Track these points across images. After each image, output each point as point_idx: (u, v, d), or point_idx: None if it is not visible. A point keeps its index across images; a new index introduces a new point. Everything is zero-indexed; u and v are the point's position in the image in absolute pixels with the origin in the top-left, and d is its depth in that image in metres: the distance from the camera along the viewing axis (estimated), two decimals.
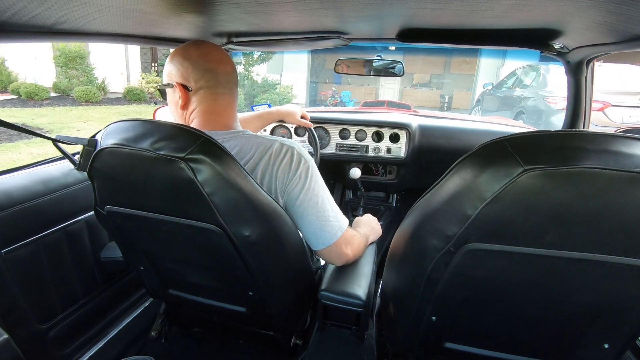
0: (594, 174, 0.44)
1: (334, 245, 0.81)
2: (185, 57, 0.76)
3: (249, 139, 0.77)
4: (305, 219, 0.78)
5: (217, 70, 0.77)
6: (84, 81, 8.95)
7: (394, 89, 12.29)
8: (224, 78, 0.78)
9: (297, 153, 0.76)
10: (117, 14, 0.76)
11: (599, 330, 0.61)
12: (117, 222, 0.77)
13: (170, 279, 0.92)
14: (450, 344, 0.73)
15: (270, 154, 0.75)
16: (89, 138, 0.76)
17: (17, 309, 0.93)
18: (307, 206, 0.76)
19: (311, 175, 0.76)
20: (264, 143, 0.76)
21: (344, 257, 0.86)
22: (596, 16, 0.74)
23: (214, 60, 0.77)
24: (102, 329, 1.18)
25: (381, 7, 0.78)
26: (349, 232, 0.85)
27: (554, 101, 5.11)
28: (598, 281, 0.53)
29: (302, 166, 0.76)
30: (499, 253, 0.52)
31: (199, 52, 0.77)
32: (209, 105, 0.78)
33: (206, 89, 0.77)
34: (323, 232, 0.79)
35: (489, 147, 0.52)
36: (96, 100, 8.63)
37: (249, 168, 0.74)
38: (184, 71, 0.76)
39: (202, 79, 0.76)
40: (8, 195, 0.92)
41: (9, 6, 0.61)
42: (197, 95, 0.77)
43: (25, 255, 0.95)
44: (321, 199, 0.78)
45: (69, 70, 8.88)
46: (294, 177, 0.75)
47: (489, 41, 1.08)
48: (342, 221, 0.82)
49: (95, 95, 8.58)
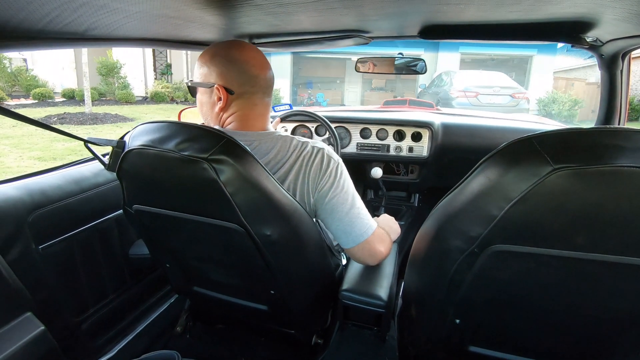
0: (629, 173, 0.42)
1: (366, 242, 0.81)
2: (229, 59, 0.75)
3: (285, 140, 0.78)
4: (335, 216, 0.78)
5: (261, 76, 0.77)
6: (120, 87, 11.92)
7: (356, 91, 15.08)
8: (265, 83, 0.79)
9: (327, 154, 0.78)
10: (144, 19, 0.79)
11: (635, 339, 0.58)
12: (144, 220, 0.80)
13: (194, 277, 0.94)
14: (474, 347, 0.72)
15: (304, 155, 0.77)
16: (118, 140, 0.79)
17: (52, 302, 0.98)
18: (336, 203, 0.77)
19: (341, 173, 0.78)
20: (299, 145, 0.78)
21: (378, 255, 0.85)
22: (632, 5, 0.70)
23: (258, 66, 0.77)
24: (130, 323, 1.23)
25: (402, 5, 0.77)
26: (380, 230, 0.85)
27: (455, 95, 9.03)
28: (633, 286, 0.50)
29: (332, 165, 0.77)
30: (526, 255, 0.51)
31: (244, 56, 0.76)
32: (249, 110, 0.78)
33: (250, 95, 0.77)
34: (353, 229, 0.79)
35: (515, 145, 0.50)
36: (133, 101, 11.50)
37: (285, 168, 0.76)
38: (227, 74, 0.75)
39: (247, 84, 0.76)
40: (44, 194, 0.97)
41: (45, 14, 0.64)
42: (240, 100, 0.77)
43: (60, 251, 1.00)
44: (351, 197, 0.79)
45: (108, 79, 11.77)
46: (324, 175, 0.76)
47: (515, 36, 1.04)
48: (372, 220, 0.82)
49: (132, 97, 11.53)
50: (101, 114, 8.71)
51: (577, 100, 11.37)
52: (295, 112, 1.74)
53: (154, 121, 0.72)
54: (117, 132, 7.28)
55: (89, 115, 8.51)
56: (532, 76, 12.83)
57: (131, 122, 8.28)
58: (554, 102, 11.48)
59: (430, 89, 10.47)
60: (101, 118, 8.38)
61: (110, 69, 11.49)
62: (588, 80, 12.60)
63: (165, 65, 14.14)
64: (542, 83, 12.37)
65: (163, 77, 13.86)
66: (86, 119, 8.14)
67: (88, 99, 8.81)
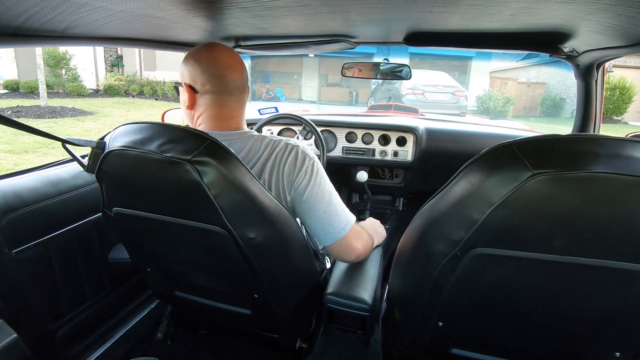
0: (604, 178, 0.43)
1: (344, 239, 0.81)
2: (196, 59, 0.77)
3: (256, 139, 0.78)
4: (312, 214, 0.78)
5: (225, 76, 0.77)
6: (70, 79, 11.32)
7: (313, 87, 15.39)
8: (232, 84, 0.78)
9: (301, 151, 0.78)
10: (127, 19, 0.77)
11: (610, 339, 0.60)
12: (125, 223, 0.78)
13: (176, 281, 0.92)
14: (456, 349, 0.72)
15: (277, 153, 0.77)
16: (97, 140, 0.77)
17: (26, 308, 0.94)
18: (313, 201, 0.77)
19: (317, 171, 0.78)
20: (271, 143, 0.78)
21: (355, 252, 0.85)
22: (606, 19, 0.73)
23: (222, 66, 0.77)
24: (109, 329, 1.19)
25: (388, 11, 0.78)
26: (357, 226, 0.86)
27: (405, 92, 9.70)
28: (609, 288, 0.52)
29: (307, 162, 0.77)
30: (507, 258, 0.52)
31: (209, 55, 0.77)
32: (216, 111, 0.79)
33: (212, 94, 0.77)
34: (331, 226, 0.79)
35: (496, 151, 0.51)
36: (85, 93, 11.03)
37: (258, 167, 0.76)
38: (194, 73, 0.77)
39: (209, 83, 0.77)
40: (18, 196, 0.94)
41: (23, 11, 0.63)
42: (204, 99, 0.78)
43: (35, 256, 0.96)
44: (328, 194, 0.78)
45: (57, 70, 11.09)
46: (300, 173, 0.76)
47: (497, 44, 1.07)
48: (350, 216, 0.82)
49: (84, 89, 11.04)
50: (58, 108, 8.39)
51: (509, 98, 12.86)
52: (281, 115, 1.74)
53: (136, 122, 0.70)
54: (81, 126, 7.09)
55: (46, 108, 8.16)
56: (472, 76, 14.41)
57: (92, 116, 8.02)
58: (490, 100, 12.94)
59: (382, 86, 10.67)
60: (59, 111, 8.05)
61: (58, 60, 10.91)
62: (519, 80, 14.16)
63: (115, 57, 13.58)
64: (480, 82, 14.03)
65: (114, 69, 13.37)
66: (43, 113, 7.82)
67: (43, 92, 8.43)
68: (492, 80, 14.89)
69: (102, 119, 7.89)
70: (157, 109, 9.90)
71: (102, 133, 0.85)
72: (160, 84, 12.28)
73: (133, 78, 12.70)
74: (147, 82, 12.55)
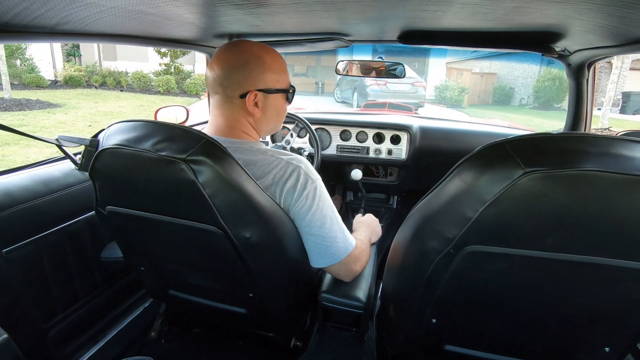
0: (594, 176, 0.44)
1: (341, 263, 0.79)
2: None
3: (254, 153, 0.75)
4: (310, 240, 0.77)
5: (221, 75, 0.75)
6: (27, 69, 10.76)
7: None
8: (226, 83, 0.75)
9: (303, 173, 0.73)
10: (119, 15, 0.77)
11: (599, 334, 0.61)
12: (118, 222, 0.78)
13: (171, 280, 0.92)
14: (450, 346, 0.73)
15: (275, 173, 0.72)
16: (91, 138, 0.76)
17: (17, 308, 0.93)
18: (312, 227, 0.75)
19: (319, 196, 0.74)
20: (268, 161, 0.73)
21: (353, 274, 0.85)
22: (597, 19, 0.74)
23: (217, 65, 0.76)
24: (102, 329, 1.18)
25: (382, 9, 0.78)
26: (357, 249, 0.83)
27: (369, 83, 10.04)
28: (599, 284, 0.53)
29: (309, 186, 0.73)
30: (499, 255, 0.52)
31: (214, 55, 0.78)
32: (216, 110, 0.78)
33: (214, 94, 0.78)
34: (327, 252, 0.77)
35: (489, 149, 0.52)
36: (45, 85, 10.53)
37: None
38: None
39: (208, 84, 0.78)
40: (9, 195, 0.92)
41: (12, 7, 0.61)
42: (211, 99, 0.79)
43: (26, 255, 0.95)
44: (329, 220, 0.75)
45: (11, 60, 10.49)
46: (300, 198, 0.72)
47: (490, 43, 1.08)
48: (349, 241, 0.80)
49: (43, 80, 10.51)
50: (23, 100, 8.15)
51: (464, 87, 13.86)
52: None
53: (130, 120, 0.70)
54: (53, 118, 6.94)
55: (11, 101, 7.94)
56: (430, 68, 15.23)
57: (60, 109, 7.86)
58: (447, 89, 13.84)
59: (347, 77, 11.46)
60: (25, 104, 7.85)
61: (13, 50, 10.53)
62: (473, 70, 15.22)
63: (71, 46, 13.03)
64: (438, 73, 15.15)
65: (70, 59, 12.84)
66: (10, 106, 7.63)
67: (7, 84, 8.20)
68: (448, 70, 15.80)
69: (72, 111, 7.74)
70: (125, 100, 9.66)
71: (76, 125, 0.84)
72: (123, 75, 11.80)
73: (93, 68, 12.12)
74: (109, 73, 12.02)
